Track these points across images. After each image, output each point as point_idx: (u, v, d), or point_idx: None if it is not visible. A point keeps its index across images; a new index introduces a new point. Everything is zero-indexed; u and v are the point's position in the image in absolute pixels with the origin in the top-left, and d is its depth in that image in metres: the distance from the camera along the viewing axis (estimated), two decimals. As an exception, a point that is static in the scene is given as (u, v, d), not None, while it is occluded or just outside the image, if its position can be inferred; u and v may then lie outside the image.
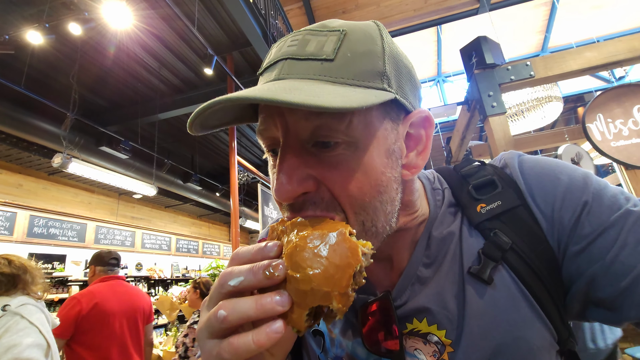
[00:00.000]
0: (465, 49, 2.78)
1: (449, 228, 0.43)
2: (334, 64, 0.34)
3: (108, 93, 5.35)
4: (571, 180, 0.40)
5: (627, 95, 2.77)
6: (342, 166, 0.35)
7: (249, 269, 0.28)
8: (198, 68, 4.96)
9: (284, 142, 0.36)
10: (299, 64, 0.35)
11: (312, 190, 0.35)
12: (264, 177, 5.76)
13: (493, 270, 0.39)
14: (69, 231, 6.36)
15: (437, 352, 0.40)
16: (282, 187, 0.34)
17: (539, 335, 0.38)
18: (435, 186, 0.48)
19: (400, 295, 0.43)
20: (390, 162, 0.37)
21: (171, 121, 6.24)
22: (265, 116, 0.37)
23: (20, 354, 0.92)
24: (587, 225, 0.38)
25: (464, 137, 3.57)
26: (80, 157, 4.87)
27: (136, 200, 8.24)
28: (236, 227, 4.43)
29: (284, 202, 0.36)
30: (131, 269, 7.52)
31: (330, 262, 0.27)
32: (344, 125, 0.34)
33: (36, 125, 4.37)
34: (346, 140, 0.34)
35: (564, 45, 7.01)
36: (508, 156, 0.46)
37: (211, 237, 11.02)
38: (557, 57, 2.59)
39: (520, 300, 0.38)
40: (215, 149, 7.75)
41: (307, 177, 0.35)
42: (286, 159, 0.35)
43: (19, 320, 1.00)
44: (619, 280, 0.35)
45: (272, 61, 0.37)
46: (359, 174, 0.35)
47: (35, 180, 6.11)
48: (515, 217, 0.40)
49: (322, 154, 0.35)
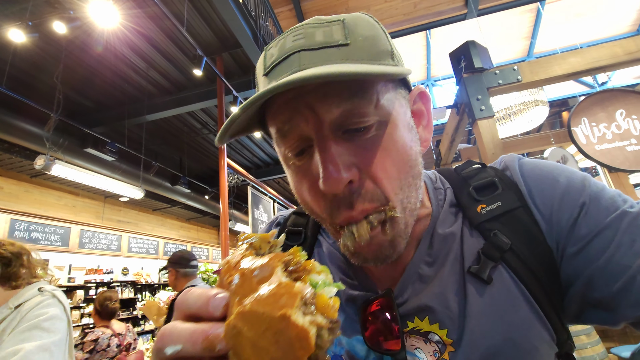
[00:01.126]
0: (455, 53, 2.81)
1: (450, 228, 0.43)
2: (351, 47, 0.35)
3: (94, 94, 5.24)
4: (569, 183, 0.41)
5: (610, 100, 2.85)
6: (377, 147, 0.36)
7: (188, 335, 0.24)
8: (187, 69, 4.90)
9: (319, 134, 0.35)
10: (316, 53, 0.35)
11: (356, 179, 0.35)
12: (254, 179, 5.71)
13: (492, 269, 0.39)
14: (52, 235, 6.19)
15: (438, 351, 0.39)
16: (332, 176, 0.33)
17: (538, 335, 0.38)
18: (437, 185, 0.48)
19: (402, 293, 0.42)
20: (411, 136, 0.39)
21: (159, 123, 6.15)
22: (290, 114, 0.36)
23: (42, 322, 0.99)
24: (584, 226, 0.38)
25: (453, 140, 3.61)
26: (64, 159, 4.74)
27: (122, 203, 8.07)
28: (226, 231, 4.38)
29: (334, 192, 0.35)
30: (117, 274, 7.35)
31: (273, 357, 0.22)
32: (372, 105, 0.35)
33: (18, 126, 4.24)
34: (377, 120, 0.36)
35: (549, 51, 7.19)
36: (508, 159, 0.46)
37: (200, 240, 10.88)
38: (543, 62, 2.64)
39: (520, 299, 0.38)
40: (205, 151, 7.66)
41: (351, 165, 0.35)
42: (327, 148, 0.35)
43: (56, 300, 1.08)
44: (615, 280, 0.35)
45: (281, 57, 0.36)
46: (393, 152, 0.36)
47: (17, 182, 5.93)
48: (515, 219, 0.41)
49: (357, 139, 0.36)
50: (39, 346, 0.91)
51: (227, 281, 0.27)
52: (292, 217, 0.57)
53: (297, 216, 0.57)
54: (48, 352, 0.92)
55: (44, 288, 1.07)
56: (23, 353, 0.87)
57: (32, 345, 0.90)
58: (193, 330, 0.24)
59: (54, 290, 1.11)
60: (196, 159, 7.90)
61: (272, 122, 0.38)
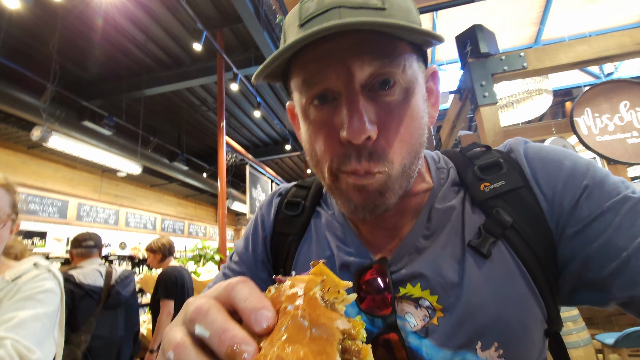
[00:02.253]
0: (461, 37, 2.75)
1: (450, 202, 0.45)
2: (387, 12, 0.37)
3: (91, 66, 5.13)
4: (575, 165, 0.41)
5: (615, 91, 2.81)
6: (396, 111, 0.39)
7: (220, 330, 0.22)
8: (186, 43, 4.79)
9: (348, 88, 0.38)
10: (355, 11, 0.36)
11: (374, 137, 0.38)
12: (252, 159, 5.69)
13: (492, 245, 0.41)
14: (49, 207, 6.21)
15: (427, 316, 0.41)
16: (356, 127, 0.36)
17: (532, 311, 0.39)
18: (440, 165, 0.49)
19: (397, 262, 0.44)
20: (425, 107, 0.42)
21: (158, 98, 6.06)
22: (321, 67, 0.38)
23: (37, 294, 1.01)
24: (586, 208, 0.39)
25: (454, 127, 3.59)
26: (61, 131, 4.69)
27: (120, 178, 8.05)
28: (223, 209, 4.40)
29: (355, 141, 0.37)
30: (115, 248, 7.43)
31: None
32: (400, 70, 0.38)
33: (14, 96, 4.16)
34: (401, 84, 0.39)
35: (556, 39, 7.04)
36: (514, 142, 0.47)
37: (197, 217, 10.94)
38: (550, 50, 2.59)
39: (517, 275, 0.40)
40: (203, 129, 7.60)
41: (373, 121, 0.38)
42: (355, 101, 0.37)
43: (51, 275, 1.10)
44: (610, 262, 0.36)
45: (320, 10, 0.37)
46: (409, 118, 0.39)
47: (14, 153, 5.88)
48: (518, 197, 0.42)
49: (381, 100, 0.38)
50: (32, 316, 0.94)
51: (278, 305, 0.25)
52: (293, 189, 0.59)
53: (297, 188, 0.59)
54: (40, 323, 0.95)
55: (39, 263, 1.09)
56: (17, 320, 0.90)
57: (26, 313, 0.94)
58: (226, 329, 0.22)
59: (49, 265, 1.13)
60: (195, 136, 7.83)
61: (300, 71, 0.40)
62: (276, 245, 0.54)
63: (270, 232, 0.56)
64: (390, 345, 0.41)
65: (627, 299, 0.36)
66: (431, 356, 0.39)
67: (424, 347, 0.40)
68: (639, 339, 2.01)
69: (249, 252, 0.56)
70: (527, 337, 0.39)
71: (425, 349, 0.40)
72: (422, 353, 0.40)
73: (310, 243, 0.51)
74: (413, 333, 0.41)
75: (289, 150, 8.39)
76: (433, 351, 0.39)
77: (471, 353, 0.38)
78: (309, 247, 0.51)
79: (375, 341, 0.41)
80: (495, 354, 0.38)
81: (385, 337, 0.41)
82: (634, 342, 2.05)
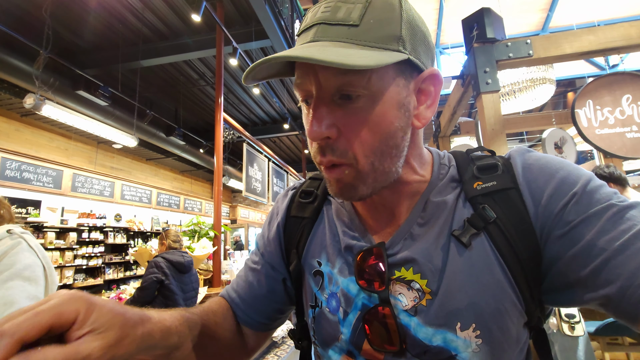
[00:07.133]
0: (468, 20, 2.68)
1: (446, 197, 0.50)
2: (359, 29, 0.41)
3: (86, 33, 4.96)
4: (568, 175, 0.44)
5: (619, 84, 2.78)
6: (359, 115, 0.43)
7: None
8: (185, 13, 4.64)
9: (316, 95, 0.44)
10: (331, 28, 0.42)
11: (333, 137, 0.44)
12: (250, 136, 5.64)
13: (473, 236, 0.46)
14: (44, 177, 6.16)
15: (417, 297, 0.46)
16: (313, 129, 0.43)
17: (509, 299, 0.43)
18: (444, 162, 0.54)
19: (393, 247, 0.50)
20: (399, 113, 0.45)
21: (154, 69, 5.92)
22: (302, 72, 0.45)
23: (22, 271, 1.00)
24: (573, 212, 0.42)
25: (455, 113, 3.55)
26: (55, 99, 4.59)
27: (116, 150, 7.98)
28: (219, 186, 4.39)
29: (314, 141, 0.45)
30: (110, 220, 7.46)
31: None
32: (364, 81, 0.41)
33: (5, 61, 4.04)
34: (365, 93, 0.42)
35: (564, 27, 6.89)
36: (516, 149, 0.51)
37: (193, 193, 10.95)
38: (556, 38, 2.54)
39: (495, 265, 0.44)
40: (201, 103, 7.48)
41: (332, 125, 0.43)
42: (318, 108, 0.43)
43: (27, 245, 1.07)
44: (591, 262, 0.39)
45: (308, 25, 0.45)
46: (372, 122, 0.43)
47: (7, 120, 5.78)
48: (506, 197, 0.46)
49: (346, 106, 0.43)
50: (28, 298, 0.95)
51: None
52: (308, 181, 0.67)
53: (311, 180, 0.67)
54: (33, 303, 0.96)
55: (12, 230, 1.06)
56: (7, 302, 0.90)
57: (22, 297, 0.94)
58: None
59: (22, 233, 1.09)
60: (192, 111, 7.72)
61: (296, 73, 0.47)
62: (290, 228, 0.62)
63: (284, 216, 0.63)
64: (384, 320, 0.47)
65: (603, 299, 0.38)
66: (416, 332, 0.45)
67: (412, 323, 0.46)
68: (618, 328, 2.07)
69: (266, 240, 0.64)
70: (503, 322, 0.43)
71: (413, 325, 0.46)
72: (410, 329, 0.46)
73: (324, 227, 0.58)
74: (404, 311, 0.47)
75: (287, 130, 8.30)
76: (419, 327, 0.45)
77: (451, 333, 0.44)
78: (323, 230, 0.58)
79: (372, 313, 0.48)
80: (473, 334, 0.43)
81: (380, 310, 0.47)
82: (614, 331, 2.11)
